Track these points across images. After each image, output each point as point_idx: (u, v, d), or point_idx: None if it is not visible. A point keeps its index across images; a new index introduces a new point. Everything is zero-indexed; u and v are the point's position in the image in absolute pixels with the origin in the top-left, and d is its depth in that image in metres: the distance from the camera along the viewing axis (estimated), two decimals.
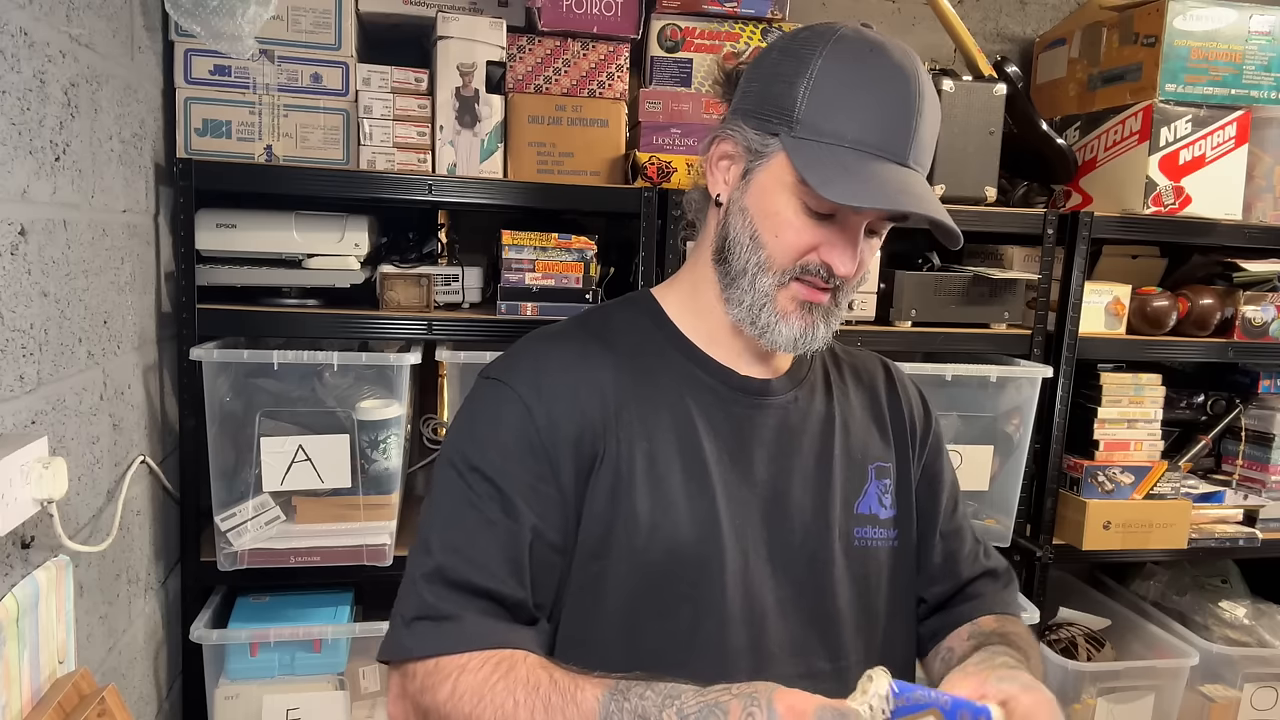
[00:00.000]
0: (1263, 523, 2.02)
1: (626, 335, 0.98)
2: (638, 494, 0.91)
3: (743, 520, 0.94)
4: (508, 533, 0.89)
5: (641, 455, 0.92)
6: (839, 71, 0.88)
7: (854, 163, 0.85)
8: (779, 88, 0.89)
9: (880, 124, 0.86)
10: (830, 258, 0.89)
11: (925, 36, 2.15)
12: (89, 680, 1.03)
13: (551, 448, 0.90)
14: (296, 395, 1.57)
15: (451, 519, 0.90)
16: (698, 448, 0.94)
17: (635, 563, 0.91)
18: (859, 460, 1.02)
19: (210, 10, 1.27)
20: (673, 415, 0.94)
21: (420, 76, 1.64)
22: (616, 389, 0.93)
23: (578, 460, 0.91)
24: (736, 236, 0.92)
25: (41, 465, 0.95)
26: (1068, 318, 1.85)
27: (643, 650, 0.91)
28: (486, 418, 0.93)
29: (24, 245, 1.00)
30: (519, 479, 0.89)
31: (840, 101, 0.87)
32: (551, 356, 0.96)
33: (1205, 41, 1.84)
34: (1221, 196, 1.89)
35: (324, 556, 1.57)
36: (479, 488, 0.90)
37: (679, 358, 0.98)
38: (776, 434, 0.98)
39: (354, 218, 1.64)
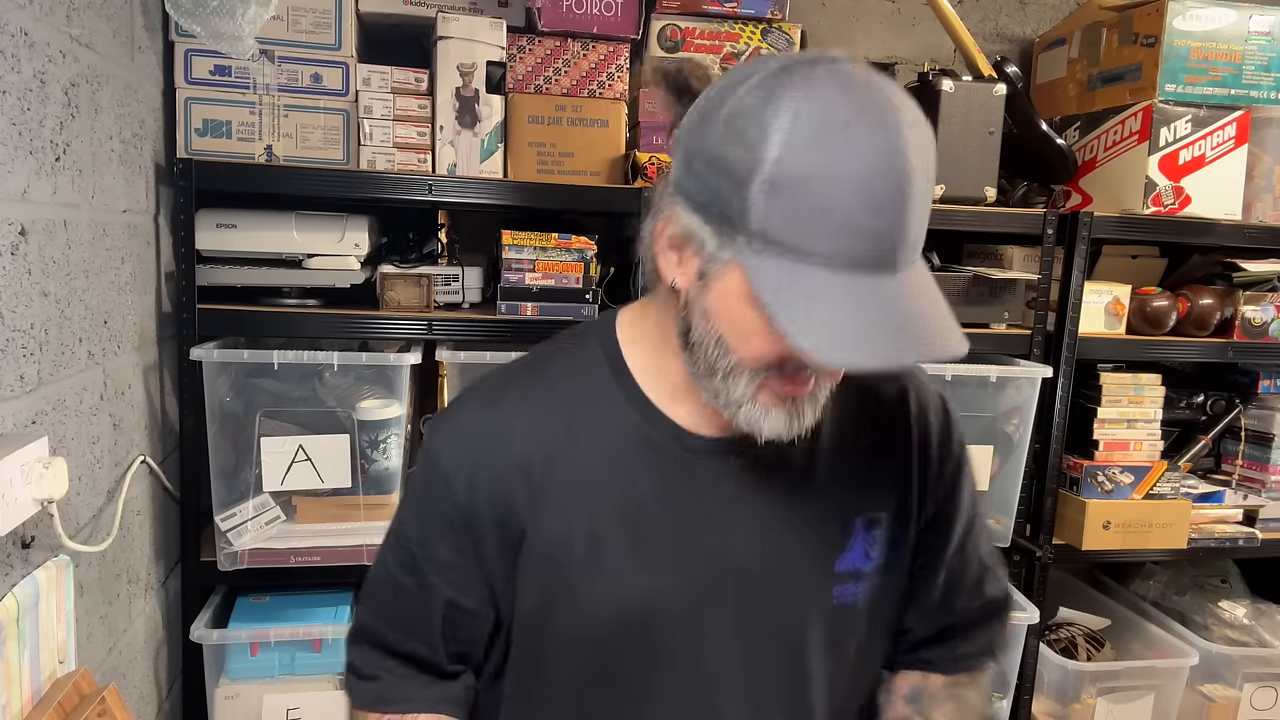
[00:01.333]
0: (1262, 523, 2.02)
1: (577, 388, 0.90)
2: (575, 569, 0.86)
3: (699, 591, 0.88)
4: (421, 603, 0.91)
5: (581, 527, 0.86)
6: (803, 160, 0.68)
7: (830, 290, 0.69)
8: (726, 181, 0.71)
9: (860, 228, 0.68)
10: (810, 363, 0.76)
11: (925, 36, 2.15)
12: (89, 680, 1.03)
13: (473, 522, 0.87)
14: (296, 395, 1.57)
15: (377, 580, 0.95)
16: (647, 516, 0.87)
17: (578, 637, 0.89)
18: (845, 514, 0.91)
19: (210, 10, 1.28)
20: (620, 481, 0.87)
21: (420, 77, 1.64)
22: (554, 456, 0.87)
23: (503, 535, 0.87)
24: (701, 338, 0.79)
25: (42, 465, 0.95)
26: (1067, 318, 1.85)
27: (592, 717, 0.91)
28: (417, 485, 0.93)
29: (24, 245, 1.00)
30: (435, 554, 0.89)
31: (806, 205, 0.68)
32: (485, 420, 0.90)
33: (1205, 42, 1.84)
34: (1221, 196, 1.89)
35: (324, 556, 1.57)
36: (400, 556, 0.92)
37: (633, 416, 0.88)
38: (740, 497, 0.88)
39: (354, 218, 1.64)
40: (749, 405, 0.80)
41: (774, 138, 0.68)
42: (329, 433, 1.56)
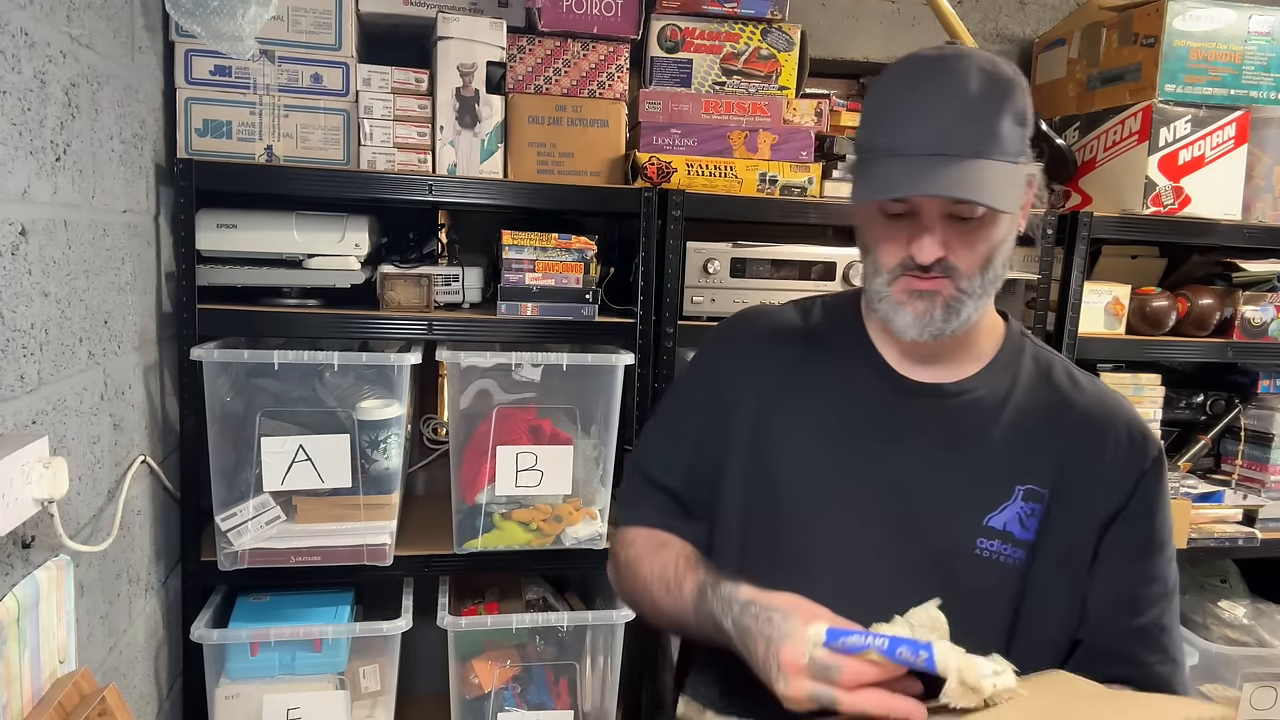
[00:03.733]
0: (1262, 522, 2.02)
1: (818, 325, 1.15)
2: (772, 443, 1.08)
3: (858, 498, 1.04)
4: (674, 438, 1.16)
5: (786, 425, 1.08)
6: (875, 94, 1.00)
7: (876, 166, 0.95)
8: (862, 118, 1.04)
9: (904, 127, 0.94)
10: (912, 250, 0.97)
11: (925, 36, 2.15)
12: (89, 680, 1.03)
13: (721, 390, 1.13)
14: (297, 395, 1.57)
15: (652, 420, 1.23)
16: (834, 428, 1.07)
17: (761, 509, 1.08)
18: (1004, 476, 1.03)
19: (211, 11, 1.28)
20: (826, 397, 1.08)
21: (420, 77, 1.64)
22: (786, 366, 1.11)
23: (730, 406, 1.11)
24: (860, 248, 1.06)
25: (42, 465, 0.95)
26: (1067, 318, 1.85)
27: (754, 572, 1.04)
28: (696, 358, 1.22)
29: (25, 245, 1.01)
30: (695, 405, 1.15)
31: (872, 119, 0.99)
32: (749, 328, 1.18)
33: (1205, 42, 1.84)
34: (1221, 196, 1.89)
35: (324, 556, 1.57)
36: (673, 404, 1.21)
37: (851, 346, 1.11)
38: (919, 433, 1.05)
39: (354, 218, 1.64)
40: (888, 301, 1.00)
41: (873, 82, 1.02)
42: (329, 433, 1.56)
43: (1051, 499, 1.03)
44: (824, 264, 1.76)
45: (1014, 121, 0.94)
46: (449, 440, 1.72)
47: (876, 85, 1.01)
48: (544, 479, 1.64)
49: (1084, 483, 1.03)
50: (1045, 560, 1.02)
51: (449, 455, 1.68)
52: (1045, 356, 1.12)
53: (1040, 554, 1.02)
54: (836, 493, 1.05)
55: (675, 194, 1.66)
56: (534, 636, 1.76)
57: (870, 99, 1.01)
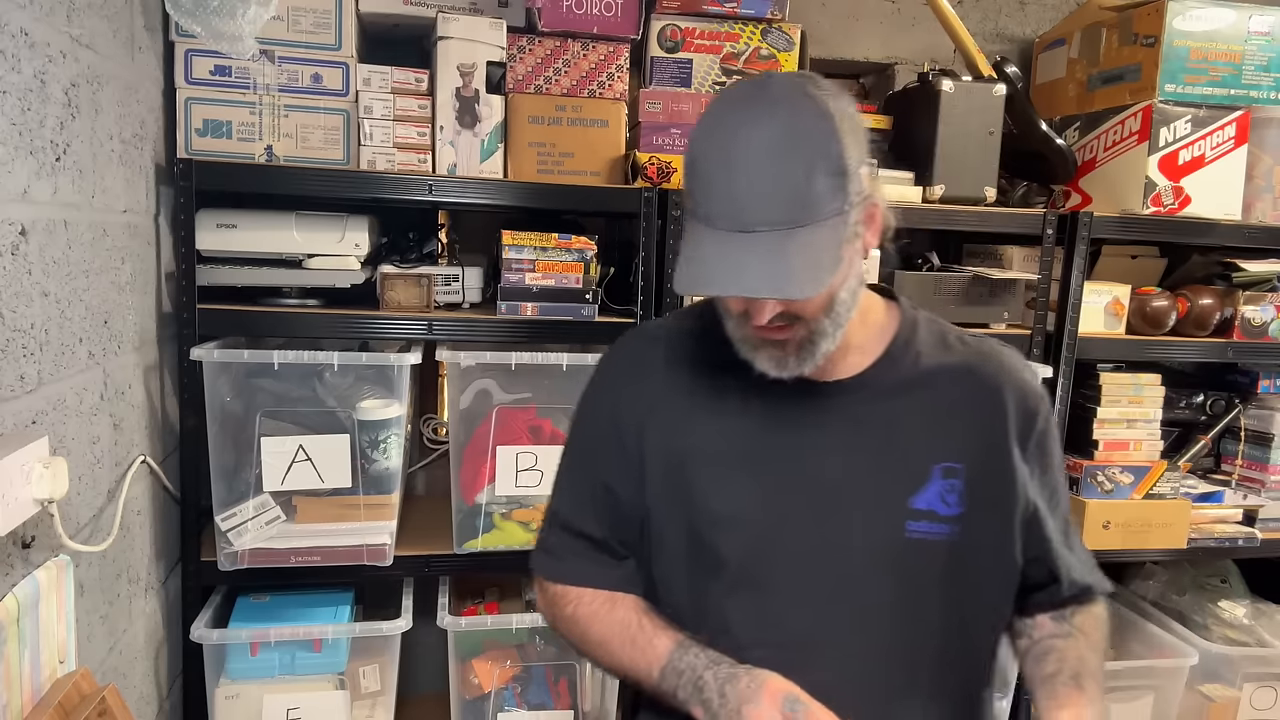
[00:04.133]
0: (1262, 522, 2.02)
1: (705, 336, 1.09)
2: (691, 475, 1.05)
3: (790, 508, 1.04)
4: (586, 484, 1.12)
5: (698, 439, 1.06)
6: (694, 147, 0.95)
7: (699, 243, 0.93)
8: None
9: (717, 198, 0.91)
10: (749, 309, 0.97)
11: (925, 36, 2.15)
12: (89, 680, 1.03)
13: (623, 423, 1.09)
14: (297, 395, 1.57)
15: (560, 468, 1.17)
16: (749, 437, 1.05)
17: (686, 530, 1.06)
18: (921, 459, 1.05)
19: (211, 10, 1.28)
20: (735, 406, 1.06)
21: (420, 77, 1.64)
22: (688, 387, 1.08)
23: (639, 435, 1.08)
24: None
25: (42, 465, 0.95)
26: (1067, 318, 1.85)
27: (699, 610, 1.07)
28: (587, 395, 1.17)
29: (25, 245, 1.00)
30: (598, 447, 1.11)
31: (692, 179, 0.95)
32: (637, 348, 1.16)
33: (1205, 42, 1.84)
34: (1221, 196, 1.89)
35: (324, 556, 1.57)
36: (576, 450, 1.15)
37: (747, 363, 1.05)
38: (831, 430, 1.05)
39: (354, 218, 1.64)
40: (744, 344, 1.01)
41: (694, 128, 0.96)
42: (329, 433, 1.56)
43: (968, 472, 1.06)
44: None
45: (828, 173, 0.90)
46: (449, 440, 1.72)
47: (694, 134, 0.95)
48: (544, 479, 1.64)
49: (992, 450, 1.07)
50: (971, 530, 1.05)
51: (449, 455, 1.68)
52: (936, 327, 1.13)
53: (966, 525, 1.05)
54: (768, 507, 1.04)
55: (675, 194, 1.66)
56: (534, 636, 1.76)
57: (688, 149, 0.96)
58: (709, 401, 1.07)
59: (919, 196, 1.78)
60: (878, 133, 1.90)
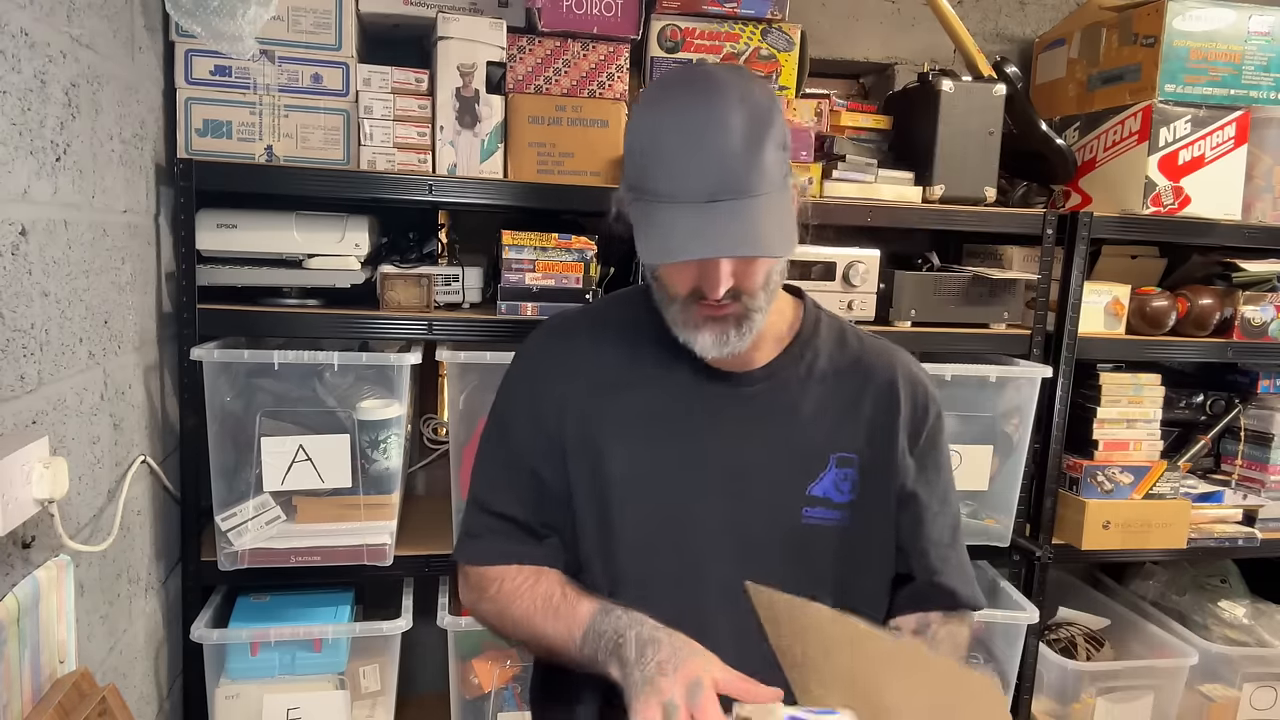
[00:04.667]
0: (1262, 522, 2.03)
1: (622, 324, 1.18)
2: (606, 460, 1.11)
3: (690, 483, 1.11)
4: (512, 468, 1.15)
5: (612, 424, 1.12)
6: (639, 130, 1.00)
7: (662, 218, 0.96)
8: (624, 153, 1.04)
9: (678, 172, 0.95)
10: (703, 286, 1.01)
11: (925, 36, 2.15)
12: (89, 680, 1.03)
13: (543, 409, 1.14)
14: (297, 395, 1.57)
15: (482, 453, 1.20)
16: (661, 424, 1.12)
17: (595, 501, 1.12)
18: (822, 447, 1.13)
19: (211, 11, 1.28)
20: (646, 394, 1.13)
21: (420, 77, 1.64)
22: (597, 372, 1.14)
23: (558, 421, 1.13)
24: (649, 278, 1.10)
25: (42, 465, 0.95)
26: (1067, 318, 1.85)
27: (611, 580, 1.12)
28: (509, 381, 1.20)
29: (25, 245, 1.01)
30: (520, 429, 1.15)
31: (644, 160, 0.98)
32: (555, 339, 1.20)
33: (1204, 42, 1.84)
34: (1221, 196, 1.89)
35: (324, 556, 1.57)
36: (497, 429, 1.18)
37: (662, 349, 1.12)
38: (738, 418, 1.12)
39: (354, 218, 1.64)
40: (684, 328, 1.06)
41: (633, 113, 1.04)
42: (329, 433, 1.56)
43: (861, 462, 1.14)
44: (824, 264, 1.76)
45: (776, 148, 0.98)
46: (449, 440, 1.72)
47: (639, 120, 1.01)
48: None
49: (885, 442, 1.15)
50: (861, 517, 1.13)
51: (449, 455, 1.68)
52: (836, 324, 1.21)
53: (856, 513, 1.13)
54: (671, 482, 1.11)
55: None
56: None
57: (635, 135, 1.01)
58: (626, 383, 1.13)
59: (919, 196, 1.78)
60: (878, 133, 1.90)
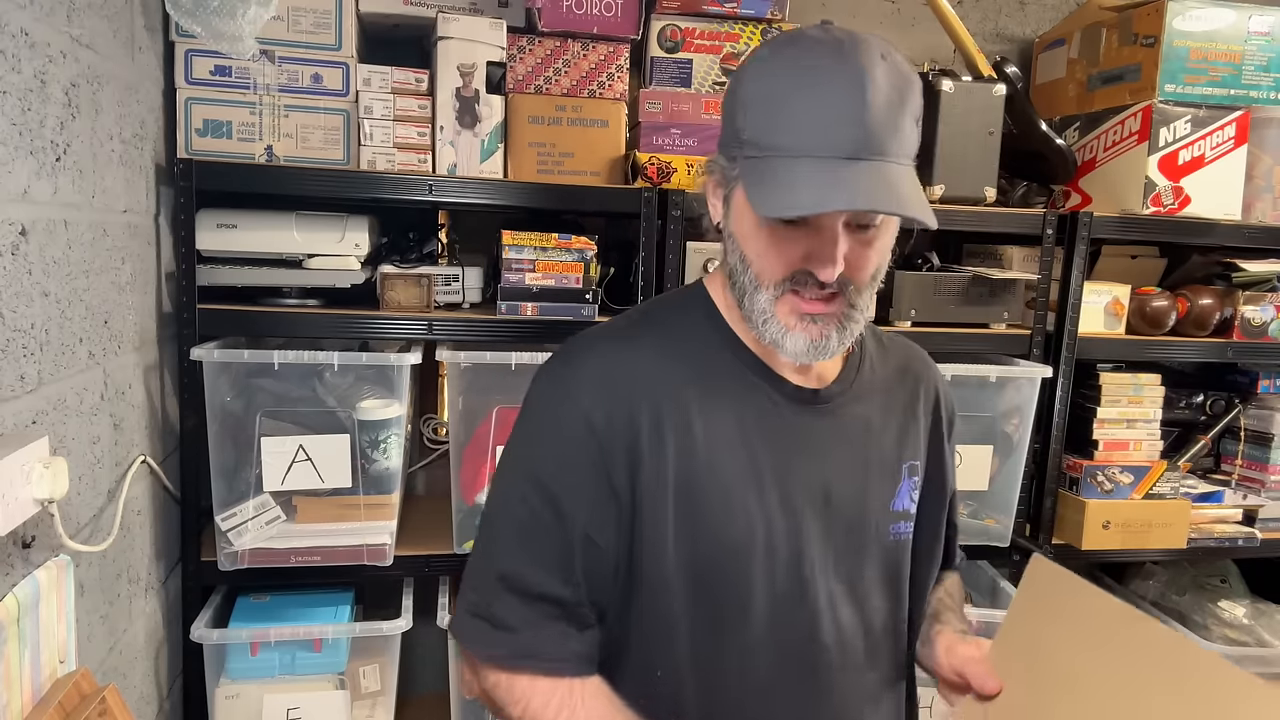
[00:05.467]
0: (1262, 522, 2.02)
1: (686, 336, 1.00)
2: (697, 498, 0.93)
3: (794, 522, 0.97)
4: (561, 538, 0.92)
5: (701, 461, 0.94)
6: (768, 83, 0.87)
7: (791, 171, 0.84)
8: (731, 109, 0.91)
9: (816, 125, 0.84)
10: (811, 265, 0.89)
11: (925, 37, 2.15)
12: (89, 680, 1.03)
13: (607, 450, 0.92)
14: (297, 395, 1.57)
15: (510, 524, 0.95)
16: (752, 454, 0.96)
17: (695, 561, 0.94)
18: (895, 460, 1.05)
19: (211, 11, 1.28)
20: (730, 420, 0.96)
21: (420, 77, 1.64)
22: (673, 392, 0.94)
23: (631, 463, 0.92)
24: (732, 260, 0.95)
25: (42, 465, 0.95)
26: (1067, 318, 1.85)
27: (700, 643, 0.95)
28: (546, 420, 0.96)
29: (25, 245, 1.01)
30: (573, 485, 0.93)
31: (773, 113, 0.86)
32: (610, 357, 0.98)
33: (1204, 42, 1.84)
34: (1221, 196, 1.89)
35: (324, 556, 1.57)
36: (537, 492, 0.93)
37: (736, 364, 0.99)
38: (823, 440, 1.00)
39: (354, 218, 1.64)
40: (772, 322, 0.91)
41: (752, 68, 0.89)
42: (329, 433, 1.56)
43: (924, 466, 1.08)
44: None
45: (913, 120, 0.88)
46: (449, 440, 1.72)
47: (762, 69, 0.88)
48: None
49: (936, 444, 1.11)
50: (925, 523, 1.09)
51: (449, 455, 1.68)
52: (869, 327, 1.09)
53: (921, 519, 1.08)
54: (788, 532, 0.96)
55: (675, 194, 1.66)
56: None
57: (757, 83, 0.88)
58: (703, 414, 0.95)
59: None
60: None
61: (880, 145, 0.84)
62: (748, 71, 0.90)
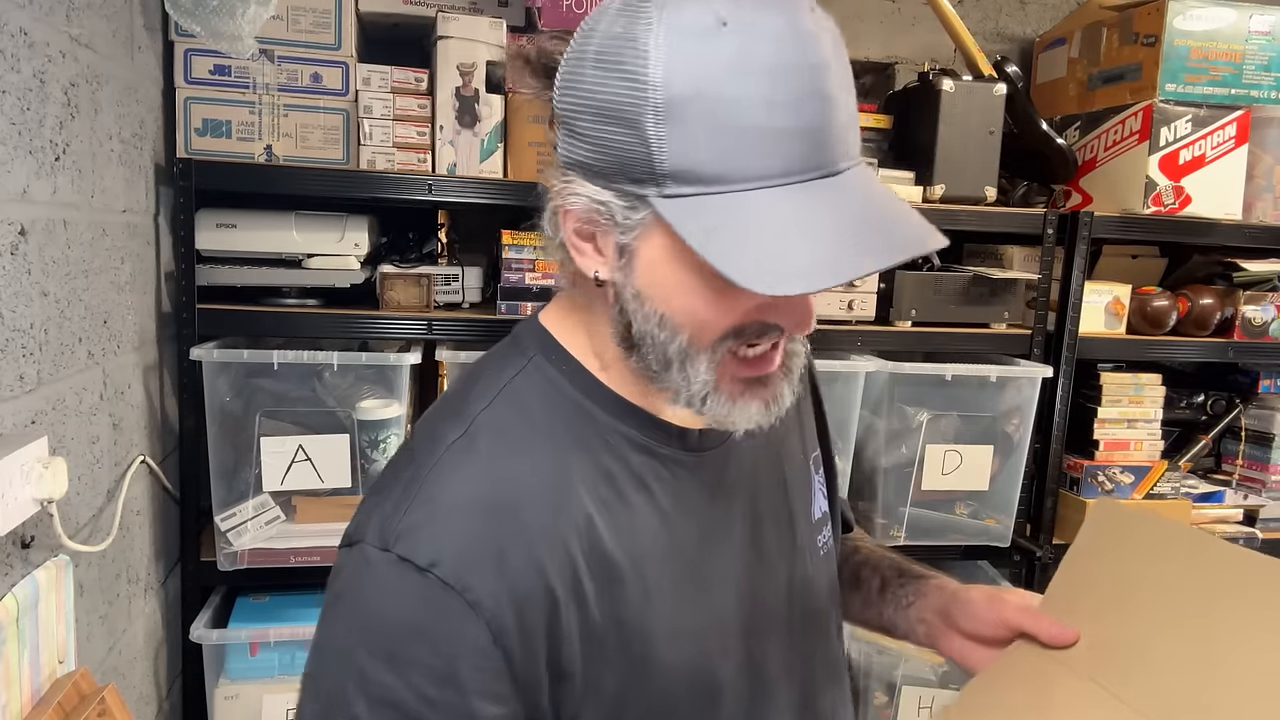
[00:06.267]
0: (1263, 523, 2.02)
1: (549, 413, 0.72)
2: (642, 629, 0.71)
3: (733, 593, 0.78)
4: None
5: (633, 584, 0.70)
6: (691, 71, 0.58)
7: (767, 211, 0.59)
8: (617, 127, 0.61)
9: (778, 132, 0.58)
10: (775, 318, 0.66)
11: (925, 36, 2.15)
12: (89, 680, 1.03)
13: (502, 640, 0.64)
14: (296, 395, 1.57)
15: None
16: (676, 541, 0.74)
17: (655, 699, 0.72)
18: (804, 462, 0.89)
19: (210, 10, 1.27)
20: (639, 510, 0.72)
21: (420, 76, 1.64)
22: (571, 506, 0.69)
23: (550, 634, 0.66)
24: (642, 327, 0.67)
25: (41, 465, 0.95)
26: (1068, 318, 1.85)
27: None
28: (384, 628, 0.63)
29: (24, 245, 1.00)
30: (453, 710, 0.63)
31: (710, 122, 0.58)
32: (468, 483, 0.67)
33: (1205, 41, 1.84)
34: (1221, 196, 1.89)
35: (324, 556, 1.57)
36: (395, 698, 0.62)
37: (620, 427, 0.73)
38: (739, 480, 0.80)
39: (354, 218, 1.64)
40: (714, 396, 0.68)
41: (653, 55, 0.58)
42: (329, 433, 1.56)
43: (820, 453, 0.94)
44: None
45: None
46: None
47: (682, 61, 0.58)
48: None
49: (818, 419, 0.95)
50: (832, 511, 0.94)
51: None
52: None
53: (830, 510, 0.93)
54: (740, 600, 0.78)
55: None
56: None
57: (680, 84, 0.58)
58: (609, 521, 0.70)
59: (919, 196, 1.78)
60: (878, 132, 1.90)
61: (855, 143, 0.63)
62: (644, 57, 0.58)
